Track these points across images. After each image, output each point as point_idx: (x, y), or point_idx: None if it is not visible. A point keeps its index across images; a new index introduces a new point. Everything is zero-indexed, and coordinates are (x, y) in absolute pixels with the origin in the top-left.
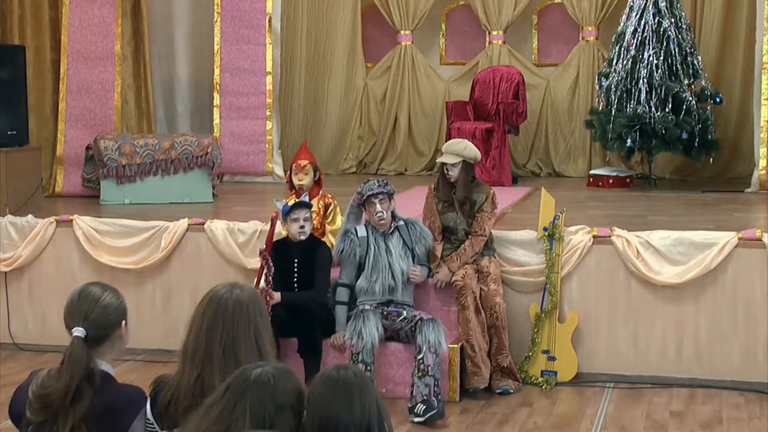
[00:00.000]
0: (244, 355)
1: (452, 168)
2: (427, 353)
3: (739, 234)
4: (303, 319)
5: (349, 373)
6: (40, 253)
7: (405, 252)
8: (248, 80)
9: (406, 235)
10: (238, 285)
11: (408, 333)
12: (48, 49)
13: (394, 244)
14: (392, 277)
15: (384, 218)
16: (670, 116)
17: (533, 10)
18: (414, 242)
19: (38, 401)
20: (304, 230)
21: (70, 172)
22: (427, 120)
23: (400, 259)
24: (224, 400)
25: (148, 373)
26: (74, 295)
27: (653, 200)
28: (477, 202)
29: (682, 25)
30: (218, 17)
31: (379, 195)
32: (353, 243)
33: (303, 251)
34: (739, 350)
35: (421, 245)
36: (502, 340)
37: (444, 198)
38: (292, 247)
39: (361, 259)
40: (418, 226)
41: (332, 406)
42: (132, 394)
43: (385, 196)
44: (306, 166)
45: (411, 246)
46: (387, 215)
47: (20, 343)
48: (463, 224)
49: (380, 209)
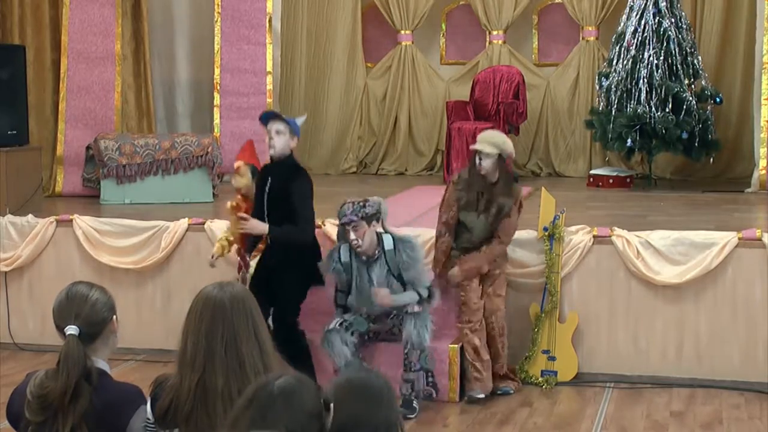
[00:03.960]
0: (246, 349)
1: (486, 158)
2: (411, 350)
3: (740, 234)
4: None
5: (372, 376)
6: (40, 253)
7: (388, 281)
8: (248, 80)
9: (392, 262)
10: (226, 283)
11: (399, 329)
12: (48, 49)
13: (377, 274)
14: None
15: (360, 246)
16: (671, 116)
17: (533, 10)
18: (402, 269)
19: (37, 402)
20: (273, 143)
21: (70, 172)
22: (427, 120)
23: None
24: (250, 411)
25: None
26: (62, 296)
27: (653, 200)
28: (504, 207)
29: (682, 25)
30: (218, 17)
31: (351, 223)
32: (336, 269)
33: (279, 172)
34: (739, 350)
35: (410, 272)
36: (498, 348)
37: (468, 191)
38: (270, 167)
39: (348, 282)
40: (407, 249)
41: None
42: (130, 391)
43: (360, 222)
44: (241, 167)
45: (397, 273)
46: (363, 242)
47: (20, 343)
48: (480, 228)
49: (353, 237)
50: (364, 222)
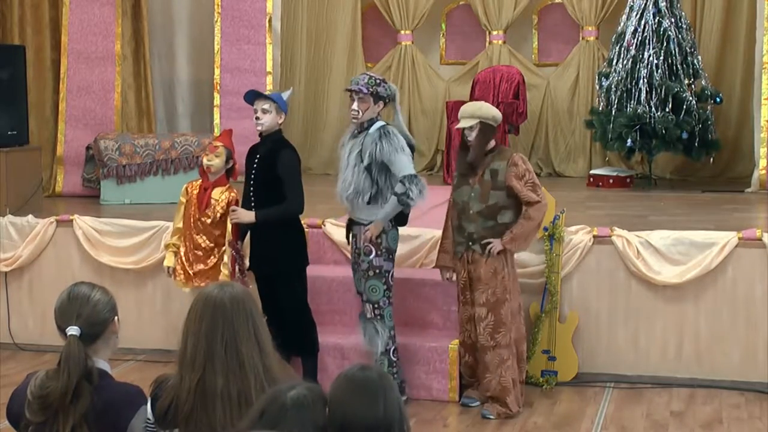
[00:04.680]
0: (246, 350)
1: (470, 132)
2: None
3: (740, 234)
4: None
5: (373, 373)
6: (41, 253)
7: (357, 162)
8: (248, 80)
9: (367, 145)
10: (227, 283)
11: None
12: (48, 49)
13: (351, 150)
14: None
15: (357, 117)
16: (671, 116)
17: (533, 10)
18: (385, 160)
19: (38, 402)
20: (260, 121)
21: (70, 172)
22: (427, 120)
23: (350, 168)
24: (262, 423)
25: (148, 373)
26: (63, 297)
27: (653, 200)
28: (499, 170)
29: (682, 25)
30: (218, 17)
31: (360, 93)
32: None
33: (265, 150)
34: (739, 350)
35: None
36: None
37: (461, 169)
38: (258, 146)
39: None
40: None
41: (357, 407)
42: (131, 391)
43: (367, 96)
44: (219, 147)
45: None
46: (362, 116)
47: (20, 343)
48: (476, 201)
49: (355, 107)
50: (371, 98)
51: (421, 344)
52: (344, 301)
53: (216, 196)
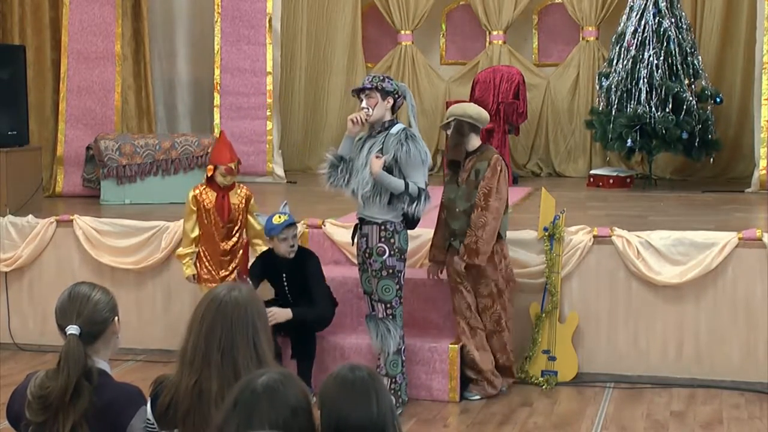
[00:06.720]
0: (243, 360)
1: (447, 129)
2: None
3: (740, 234)
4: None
5: (364, 373)
6: (41, 253)
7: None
8: (248, 80)
9: (388, 145)
10: (236, 287)
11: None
12: (48, 49)
13: (369, 150)
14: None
15: (369, 115)
16: (671, 116)
17: (533, 10)
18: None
19: (38, 402)
20: (293, 248)
21: (70, 172)
22: (427, 120)
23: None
24: (236, 413)
25: (148, 373)
26: (64, 296)
27: (653, 200)
28: (481, 170)
29: (682, 25)
30: (218, 17)
31: (365, 90)
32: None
33: (291, 264)
34: (739, 350)
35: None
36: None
37: (450, 167)
38: (279, 261)
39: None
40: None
41: (350, 406)
42: (130, 391)
43: (372, 91)
44: (232, 166)
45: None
46: (373, 113)
47: (20, 343)
48: (461, 200)
49: (364, 105)
50: (377, 93)
51: (421, 344)
52: (344, 302)
53: (235, 201)
